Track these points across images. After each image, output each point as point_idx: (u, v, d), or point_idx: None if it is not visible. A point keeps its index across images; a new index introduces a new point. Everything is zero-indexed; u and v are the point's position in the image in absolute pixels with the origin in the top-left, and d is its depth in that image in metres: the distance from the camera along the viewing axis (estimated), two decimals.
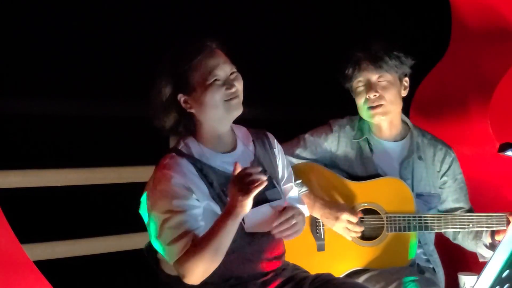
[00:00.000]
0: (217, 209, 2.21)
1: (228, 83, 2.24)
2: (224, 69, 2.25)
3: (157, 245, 2.20)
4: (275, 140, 2.50)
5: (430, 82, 3.49)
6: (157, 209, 2.18)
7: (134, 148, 4.86)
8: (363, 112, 2.82)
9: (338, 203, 2.72)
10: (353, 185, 2.75)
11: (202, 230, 2.15)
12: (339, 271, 2.70)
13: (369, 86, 2.77)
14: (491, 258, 1.81)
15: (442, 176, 2.85)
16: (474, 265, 2.97)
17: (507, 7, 3.18)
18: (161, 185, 2.19)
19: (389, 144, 2.86)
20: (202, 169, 2.24)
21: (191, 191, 2.18)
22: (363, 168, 2.80)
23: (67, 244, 3.59)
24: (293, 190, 2.52)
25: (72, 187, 3.62)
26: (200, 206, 2.19)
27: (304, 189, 2.73)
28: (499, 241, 2.68)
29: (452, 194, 2.85)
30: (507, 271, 1.79)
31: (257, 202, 2.24)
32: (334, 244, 2.73)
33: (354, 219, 2.67)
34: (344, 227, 2.68)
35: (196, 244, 2.11)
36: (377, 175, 2.78)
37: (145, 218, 2.29)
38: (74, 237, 3.62)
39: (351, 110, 2.98)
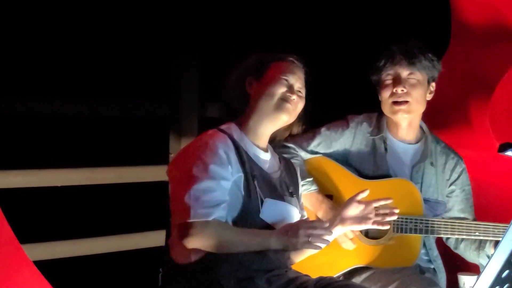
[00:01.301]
0: (242, 189, 2.28)
1: (292, 90, 2.40)
2: (297, 81, 2.43)
3: (177, 198, 2.24)
4: (299, 172, 2.62)
5: None
6: (191, 167, 2.23)
7: (134, 148, 4.86)
8: (386, 107, 2.80)
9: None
10: (364, 183, 2.75)
11: (226, 206, 2.22)
12: (342, 267, 2.71)
13: (398, 81, 2.76)
14: (491, 258, 1.81)
15: (450, 185, 2.86)
16: (474, 265, 2.97)
17: (507, 7, 3.18)
18: (201, 148, 2.28)
19: (404, 146, 2.85)
20: (239, 149, 2.33)
21: (227, 162, 2.26)
22: (375, 167, 2.79)
23: (67, 244, 3.59)
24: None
25: (72, 187, 3.62)
26: (230, 180, 2.26)
27: (313, 187, 2.73)
28: None
29: (458, 204, 2.86)
30: (507, 271, 1.79)
31: (277, 198, 2.35)
32: (338, 241, 2.73)
33: (351, 234, 2.67)
34: (339, 235, 2.67)
35: (226, 229, 2.20)
36: (387, 176, 2.78)
37: (171, 176, 2.35)
38: (74, 237, 3.61)
39: (357, 109, 2.97)
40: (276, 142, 2.65)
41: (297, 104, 2.42)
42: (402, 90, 2.74)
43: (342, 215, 2.47)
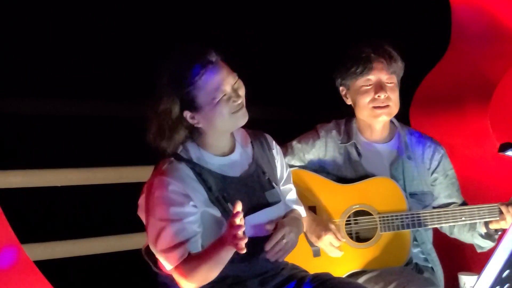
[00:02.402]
0: (217, 213, 2.22)
1: (233, 95, 2.22)
2: (229, 82, 2.22)
3: (154, 250, 2.21)
4: (274, 141, 2.50)
5: (430, 82, 3.49)
6: (154, 216, 2.19)
7: (134, 148, 4.86)
8: (365, 111, 2.78)
9: (325, 222, 2.68)
10: (343, 188, 2.74)
11: (200, 236, 2.18)
12: (337, 275, 2.69)
13: (380, 86, 2.73)
14: (491, 258, 1.81)
15: (432, 173, 2.85)
16: (474, 265, 2.97)
17: (507, 7, 3.19)
18: (159, 191, 2.19)
19: (378, 146, 2.84)
20: (201, 173, 2.23)
21: (188, 198, 2.18)
22: (353, 172, 2.78)
23: (67, 244, 3.59)
24: (292, 192, 2.52)
25: (72, 187, 3.63)
26: (197, 212, 2.19)
27: None
28: (494, 229, 2.72)
29: (444, 190, 2.85)
30: (507, 271, 1.79)
31: (256, 207, 2.28)
32: (326, 250, 2.72)
33: (336, 243, 2.65)
34: (325, 247, 2.67)
35: (193, 259, 2.13)
36: (366, 177, 2.77)
37: (144, 220, 2.29)
38: (74, 237, 3.62)
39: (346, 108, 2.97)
40: None
41: (243, 98, 2.25)
42: (385, 95, 2.73)
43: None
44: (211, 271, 2.14)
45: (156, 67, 2.27)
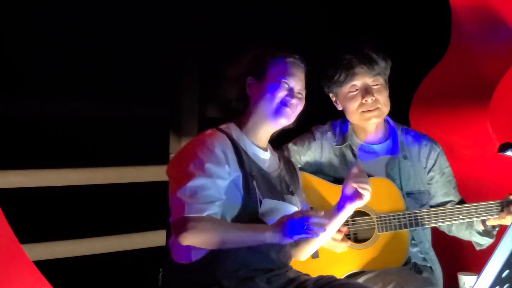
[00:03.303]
0: (240, 189, 2.28)
1: (292, 94, 2.38)
2: (298, 83, 2.40)
3: (173, 194, 2.24)
4: (298, 169, 2.64)
5: (430, 82, 3.49)
6: (188, 164, 2.25)
7: (134, 148, 4.86)
8: (355, 116, 2.78)
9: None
10: (339, 188, 2.74)
11: (222, 204, 2.23)
12: (336, 276, 2.70)
13: (366, 91, 2.73)
14: (491, 258, 1.81)
15: (429, 172, 2.85)
16: (474, 265, 2.97)
17: (507, 7, 3.19)
18: (199, 147, 2.28)
19: (374, 147, 2.85)
20: (238, 149, 2.34)
21: (225, 162, 2.27)
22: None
23: (67, 244, 3.59)
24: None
25: (72, 187, 3.62)
26: (227, 179, 2.27)
27: None
28: (491, 226, 2.72)
29: (440, 189, 2.85)
30: (507, 271, 1.79)
31: (276, 197, 2.35)
32: (328, 250, 2.71)
33: (339, 236, 2.66)
34: (329, 244, 2.66)
35: (221, 225, 2.20)
36: None
37: (170, 175, 2.35)
38: (74, 237, 3.62)
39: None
40: None
41: (297, 107, 2.41)
42: (372, 99, 2.73)
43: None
44: (228, 245, 2.19)
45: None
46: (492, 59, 3.22)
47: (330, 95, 2.85)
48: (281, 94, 2.36)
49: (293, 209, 2.42)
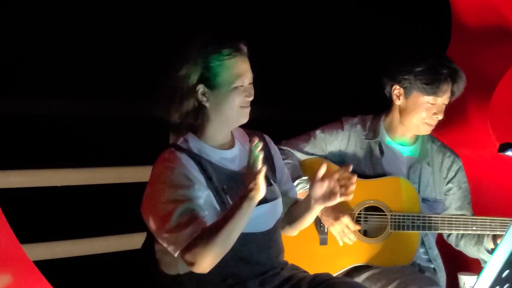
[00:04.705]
0: (215, 205, 2.22)
1: (247, 91, 2.27)
2: (248, 78, 2.29)
3: (161, 238, 2.17)
4: (272, 142, 2.50)
5: None
6: (161, 201, 2.17)
7: (134, 148, 4.86)
8: (417, 123, 2.77)
9: (340, 205, 2.69)
10: (359, 182, 2.72)
11: (207, 220, 2.15)
12: (340, 266, 2.71)
13: (441, 108, 2.75)
14: (491, 258, 1.81)
15: (447, 183, 2.86)
16: (474, 265, 2.97)
17: (507, 7, 3.18)
18: (164, 177, 2.19)
19: (401, 148, 2.86)
20: (201, 163, 2.24)
21: (193, 182, 2.18)
22: (371, 169, 2.80)
23: (67, 244, 3.59)
24: (292, 191, 2.52)
25: (72, 187, 3.62)
26: (202, 197, 2.20)
27: (308, 186, 2.72)
28: None
29: (455, 202, 2.86)
30: (507, 271, 1.79)
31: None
32: (337, 239, 2.73)
33: (353, 226, 2.67)
34: (341, 229, 2.67)
35: (207, 230, 2.10)
36: (384, 176, 2.78)
37: (146, 216, 2.25)
38: (74, 237, 3.61)
39: (353, 109, 2.97)
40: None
41: (250, 100, 2.30)
42: (441, 117, 2.76)
43: (313, 196, 2.37)
44: (228, 239, 2.10)
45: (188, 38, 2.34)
46: (492, 59, 3.21)
47: (396, 87, 2.80)
48: (239, 99, 2.25)
49: (272, 205, 2.34)
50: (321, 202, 2.37)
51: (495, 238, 2.72)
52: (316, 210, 2.41)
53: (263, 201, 2.27)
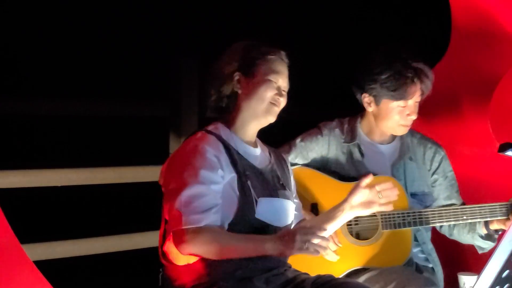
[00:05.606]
0: (235, 190, 2.28)
1: (280, 92, 2.38)
2: (284, 81, 2.41)
3: (168, 208, 2.23)
4: (289, 163, 2.62)
5: None
6: (182, 173, 2.24)
7: (134, 148, 4.86)
8: (392, 125, 2.79)
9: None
10: (346, 185, 2.74)
11: (219, 209, 2.22)
12: (338, 272, 2.71)
13: (414, 109, 2.76)
14: (491, 258, 1.81)
15: (432, 174, 2.87)
16: (474, 265, 2.97)
17: (506, 8, 3.18)
18: (191, 153, 2.27)
19: (381, 147, 2.86)
20: (229, 149, 2.33)
21: (218, 165, 2.26)
22: (355, 171, 2.80)
23: (67, 244, 3.59)
24: (298, 211, 2.58)
25: (72, 187, 3.62)
26: (222, 183, 2.26)
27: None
28: (494, 230, 2.72)
29: (443, 192, 2.86)
30: (507, 271, 1.80)
31: (271, 195, 2.35)
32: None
33: (333, 247, 2.66)
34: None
35: (226, 235, 2.19)
36: None
37: (164, 183, 2.35)
38: (74, 237, 3.61)
39: (348, 109, 2.97)
40: None
41: (282, 104, 2.42)
42: (415, 116, 2.77)
43: (351, 203, 2.45)
44: (233, 254, 2.19)
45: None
46: (492, 59, 3.22)
47: (365, 95, 2.81)
48: (271, 93, 2.37)
49: (288, 203, 2.43)
50: (359, 209, 2.45)
51: (487, 223, 2.73)
52: (345, 218, 2.48)
53: (282, 196, 2.38)
